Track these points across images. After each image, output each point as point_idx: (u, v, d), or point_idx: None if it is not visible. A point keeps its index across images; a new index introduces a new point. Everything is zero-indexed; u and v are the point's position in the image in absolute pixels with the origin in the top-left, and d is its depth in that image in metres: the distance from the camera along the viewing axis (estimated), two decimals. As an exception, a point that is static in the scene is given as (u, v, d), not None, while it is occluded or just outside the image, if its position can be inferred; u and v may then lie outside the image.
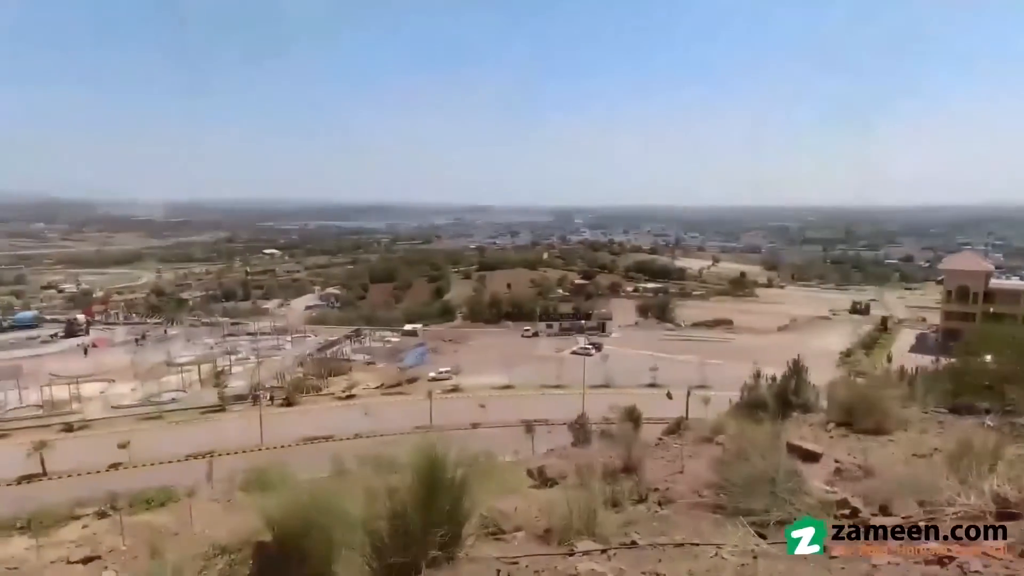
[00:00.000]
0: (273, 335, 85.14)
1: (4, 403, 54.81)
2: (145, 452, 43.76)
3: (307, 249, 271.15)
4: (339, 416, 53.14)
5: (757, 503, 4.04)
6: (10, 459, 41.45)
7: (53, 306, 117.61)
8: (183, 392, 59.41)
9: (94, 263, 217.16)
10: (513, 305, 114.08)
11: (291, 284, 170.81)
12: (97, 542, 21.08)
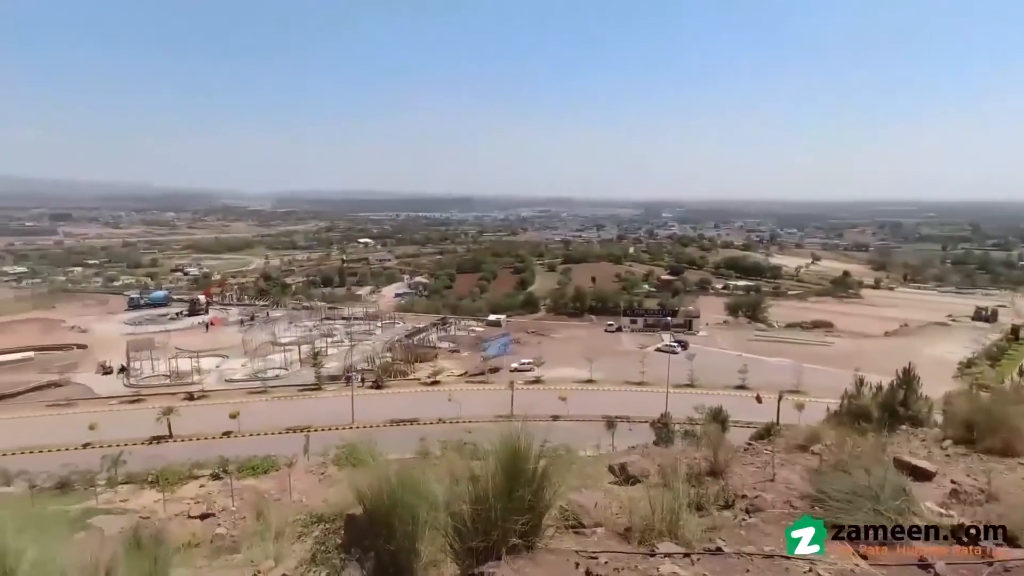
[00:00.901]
0: (365, 320, 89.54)
1: (140, 372, 61.66)
2: (252, 423, 47.71)
3: (398, 239, 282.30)
4: (424, 401, 55.15)
5: (858, 520, 3.77)
6: (144, 421, 46.72)
7: (180, 287, 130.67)
8: (285, 370, 64.04)
9: (213, 249, 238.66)
10: (597, 299, 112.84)
11: (383, 272, 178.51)
12: (211, 501, 23.36)
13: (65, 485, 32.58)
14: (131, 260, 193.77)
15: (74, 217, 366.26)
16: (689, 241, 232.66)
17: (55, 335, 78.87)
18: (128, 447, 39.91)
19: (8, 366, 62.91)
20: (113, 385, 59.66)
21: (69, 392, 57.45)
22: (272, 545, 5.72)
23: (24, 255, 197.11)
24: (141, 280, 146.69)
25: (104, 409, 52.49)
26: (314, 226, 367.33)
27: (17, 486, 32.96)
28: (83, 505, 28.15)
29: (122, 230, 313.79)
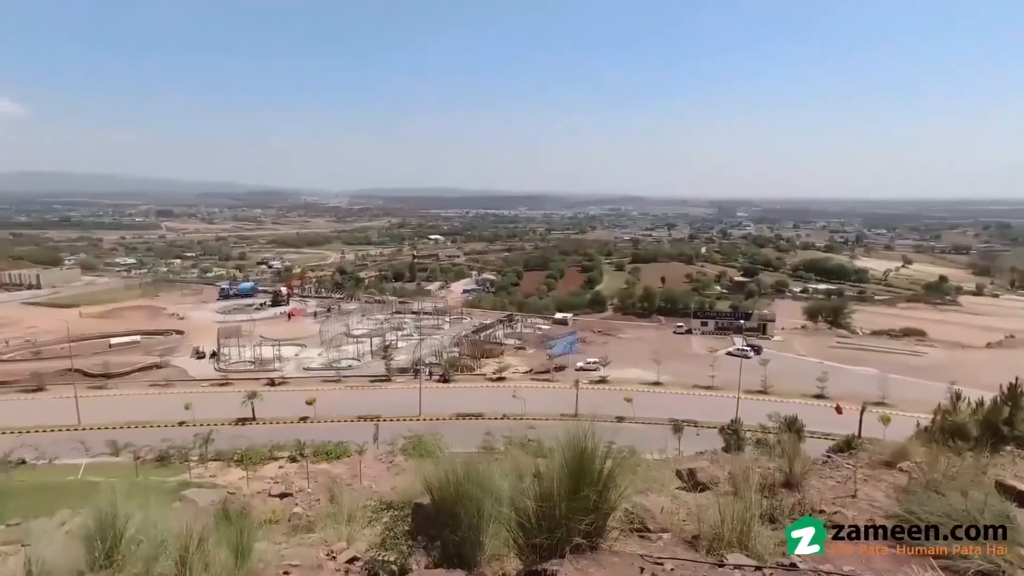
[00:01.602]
0: (434, 315, 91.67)
1: (228, 357, 66.13)
2: (326, 410, 50.07)
3: (467, 236, 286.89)
4: (489, 396, 55.84)
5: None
6: (231, 403, 50.14)
7: (264, 279, 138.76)
8: (357, 360, 66.67)
9: (294, 244, 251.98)
10: (666, 299, 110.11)
11: (451, 268, 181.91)
12: (289, 481, 24.75)
13: (164, 459, 35.53)
14: (222, 253, 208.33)
15: (175, 213, 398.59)
16: (765, 241, 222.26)
17: (158, 321, 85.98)
18: (217, 427, 42.98)
19: (119, 348, 69.21)
20: (205, 369, 64.33)
21: (168, 374, 62.51)
22: (345, 527, 6.01)
23: (133, 247, 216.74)
24: (231, 272, 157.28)
25: (197, 391, 56.70)
26: (387, 222, 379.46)
27: (124, 457, 36.28)
28: (179, 478, 30.59)
29: (215, 225, 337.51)
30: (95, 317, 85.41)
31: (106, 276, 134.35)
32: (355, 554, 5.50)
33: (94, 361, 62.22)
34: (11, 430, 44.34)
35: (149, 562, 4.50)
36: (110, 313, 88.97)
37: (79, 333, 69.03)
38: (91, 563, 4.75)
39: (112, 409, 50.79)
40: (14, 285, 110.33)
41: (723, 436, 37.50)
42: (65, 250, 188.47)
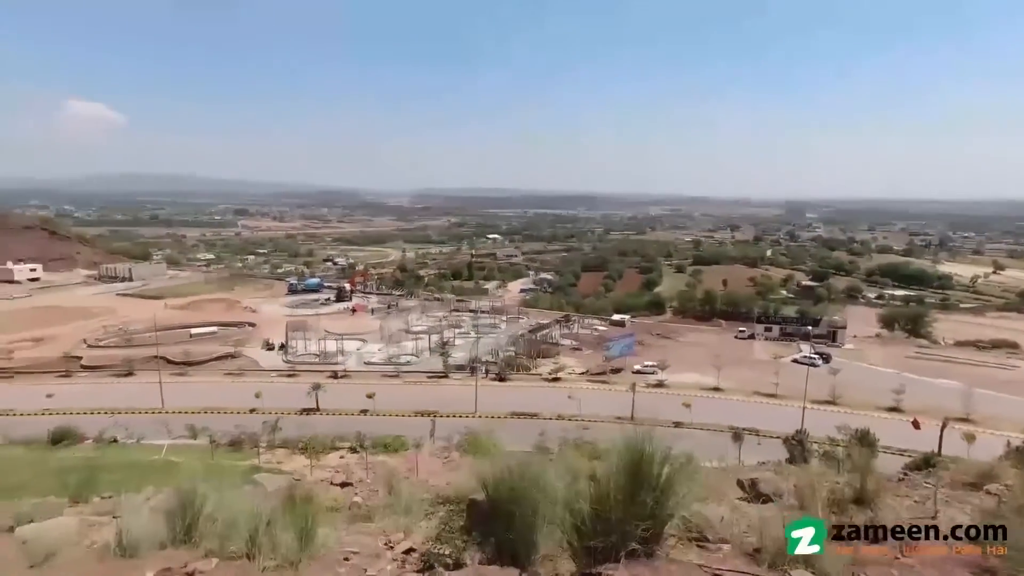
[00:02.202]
0: (491, 314, 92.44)
1: (295, 349, 69.22)
2: (385, 403, 51.52)
3: (525, 235, 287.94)
4: (545, 396, 55.80)
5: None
6: (297, 394, 52.43)
7: (329, 275, 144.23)
8: (416, 357, 68.18)
9: (358, 241, 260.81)
10: (728, 303, 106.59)
11: (509, 267, 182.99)
12: (350, 471, 25.63)
13: (236, 443, 37.63)
14: (292, 250, 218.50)
15: (251, 212, 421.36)
16: (837, 244, 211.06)
17: (233, 313, 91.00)
18: (284, 415, 45.10)
19: (199, 338, 73.84)
20: (274, 360, 67.59)
21: (241, 363, 66.10)
22: (402, 519, 6.17)
23: (213, 244, 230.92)
24: (299, 268, 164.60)
25: (267, 380, 59.66)
26: (447, 222, 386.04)
27: (201, 440, 38.66)
28: (249, 462, 32.33)
29: (286, 224, 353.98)
30: (178, 308, 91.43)
31: (188, 270, 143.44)
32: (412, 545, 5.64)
33: (177, 349, 66.62)
34: (105, 411, 48.25)
35: (223, 540, 4.79)
36: (191, 305, 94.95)
37: (164, 323, 74.16)
38: (172, 537, 5.11)
39: (191, 395, 54.21)
40: (110, 278, 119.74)
41: (787, 447, 35.85)
42: (154, 246, 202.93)
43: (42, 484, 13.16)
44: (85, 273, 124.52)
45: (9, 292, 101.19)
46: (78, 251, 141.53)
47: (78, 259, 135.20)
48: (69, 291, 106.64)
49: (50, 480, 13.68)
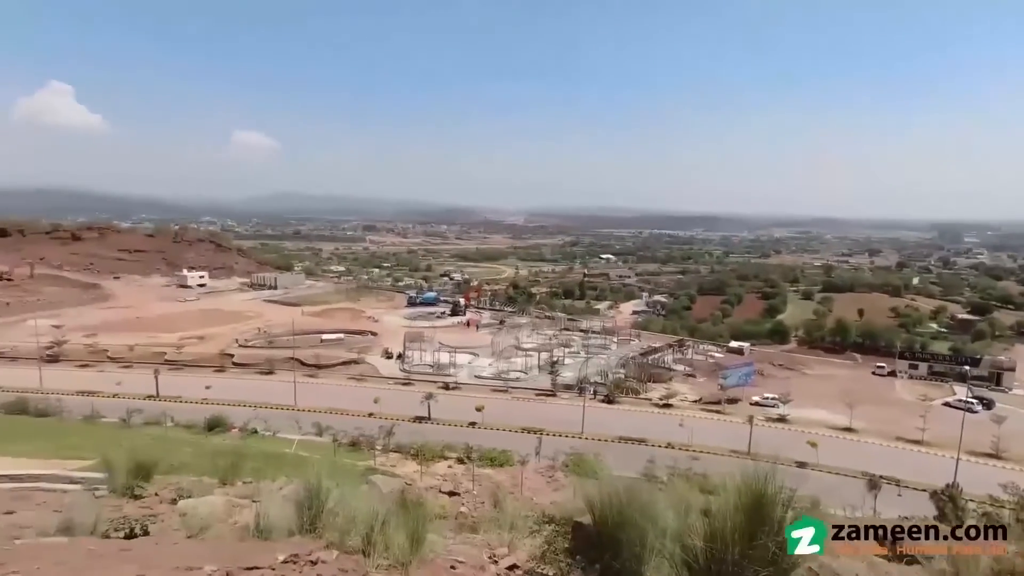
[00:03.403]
0: (601, 334, 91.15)
1: (412, 359, 72.93)
2: (493, 418, 52.47)
3: (640, 256, 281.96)
4: (654, 422, 53.80)
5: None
6: (411, 402, 55.16)
7: (446, 289, 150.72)
8: (525, 373, 68.86)
9: (474, 258, 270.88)
10: (864, 335, 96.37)
11: (622, 288, 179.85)
12: (457, 481, 26.35)
13: (355, 444, 40.23)
14: (412, 265, 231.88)
15: (378, 228, 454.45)
16: (1004, 273, 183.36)
17: (358, 322, 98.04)
18: (398, 422, 47.50)
19: (328, 343, 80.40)
20: (392, 368, 71.63)
21: (363, 369, 70.84)
22: (507, 534, 6.24)
23: (343, 257, 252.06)
24: (418, 282, 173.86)
25: (384, 387, 63.33)
26: (560, 240, 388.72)
27: (326, 438, 41.84)
28: (366, 463, 34.36)
29: (408, 239, 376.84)
30: (312, 315, 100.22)
31: (323, 281, 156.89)
32: (515, 562, 5.68)
33: (309, 353, 72.93)
34: (249, 404, 53.98)
35: (343, 534, 5.14)
36: (323, 313, 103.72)
37: (300, 328, 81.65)
38: (300, 526, 5.56)
39: (319, 395, 58.98)
40: (260, 285, 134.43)
41: (935, 502, 31.34)
42: (295, 258, 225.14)
43: (199, 465, 14.94)
44: (240, 281, 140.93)
45: (183, 295, 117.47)
46: (236, 261, 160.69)
47: (236, 268, 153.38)
48: (227, 296, 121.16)
49: (204, 462, 15.48)
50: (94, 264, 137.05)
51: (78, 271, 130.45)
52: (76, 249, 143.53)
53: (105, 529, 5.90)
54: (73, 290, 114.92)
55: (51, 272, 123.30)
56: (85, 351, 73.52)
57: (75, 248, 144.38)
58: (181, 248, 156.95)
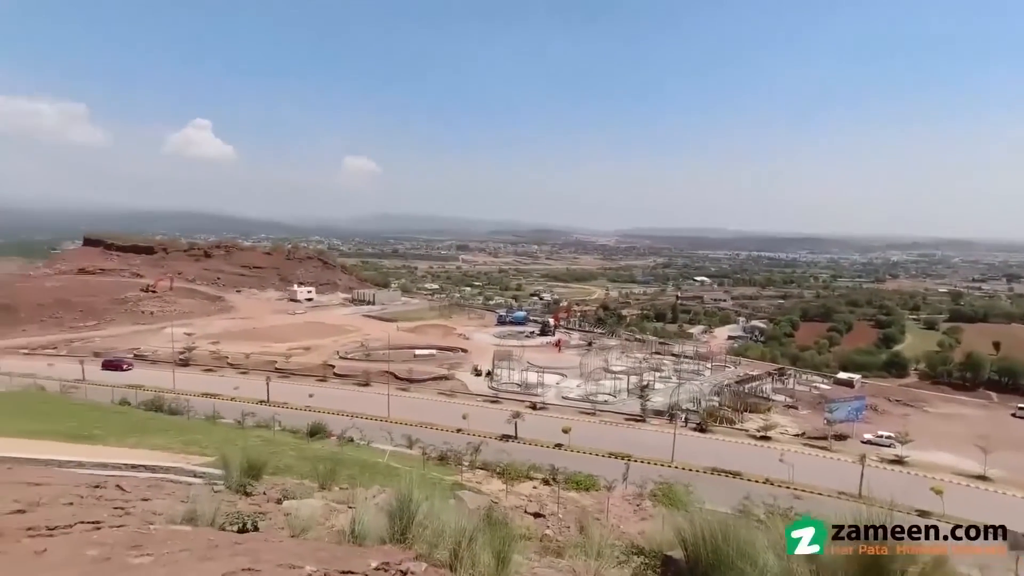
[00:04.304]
0: (694, 359, 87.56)
1: (500, 378, 73.81)
2: (579, 440, 51.69)
3: (736, 279, 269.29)
4: (750, 454, 50.59)
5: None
6: (498, 420, 55.61)
7: (535, 309, 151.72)
8: (613, 396, 67.43)
9: (563, 278, 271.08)
10: (1002, 371, 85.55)
11: (717, 312, 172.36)
12: (542, 502, 26.16)
13: (443, 459, 41.11)
14: (503, 284, 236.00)
15: (470, 248, 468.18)
16: None
17: (449, 339, 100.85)
18: (485, 439, 48.02)
19: (420, 358, 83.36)
20: (480, 385, 72.79)
21: (452, 385, 72.59)
22: (592, 562, 6.12)
23: (437, 275, 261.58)
24: (508, 301, 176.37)
25: (473, 404, 64.40)
26: (652, 262, 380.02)
27: (415, 450, 43.16)
28: (452, 478, 35.01)
29: (499, 259, 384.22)
30: (407, 331, 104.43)
31: (417, 298, 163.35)
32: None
33: (403, 367, 75.91)
34: (347, 413, 56.97)
35: (432, 547, 5.29)
36: (416, 329, 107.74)
37: (395, 343, 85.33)
38: (391, 535, 5.79)
39: (410, 408, 61.06)
40: (360, 301, 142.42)
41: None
42: (392, 275, 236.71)
43: (300, 468, 15.95)
44: (343, 296, 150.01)
45: (292, 309, 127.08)
46: (340, 278, 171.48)
47: (339, 284, 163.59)
48: (331, 310, 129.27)
49: (306, 466, 16.49)
50: (220, 279, 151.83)
51: (207, 285, 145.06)
52: (207, 265, 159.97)
53: (222, 522, 6.45)
54: (203, 302, 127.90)
55: (186, 285, 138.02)
56: (210, 357, 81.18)
57: (206, 264, 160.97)
58: (293, 265, 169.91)
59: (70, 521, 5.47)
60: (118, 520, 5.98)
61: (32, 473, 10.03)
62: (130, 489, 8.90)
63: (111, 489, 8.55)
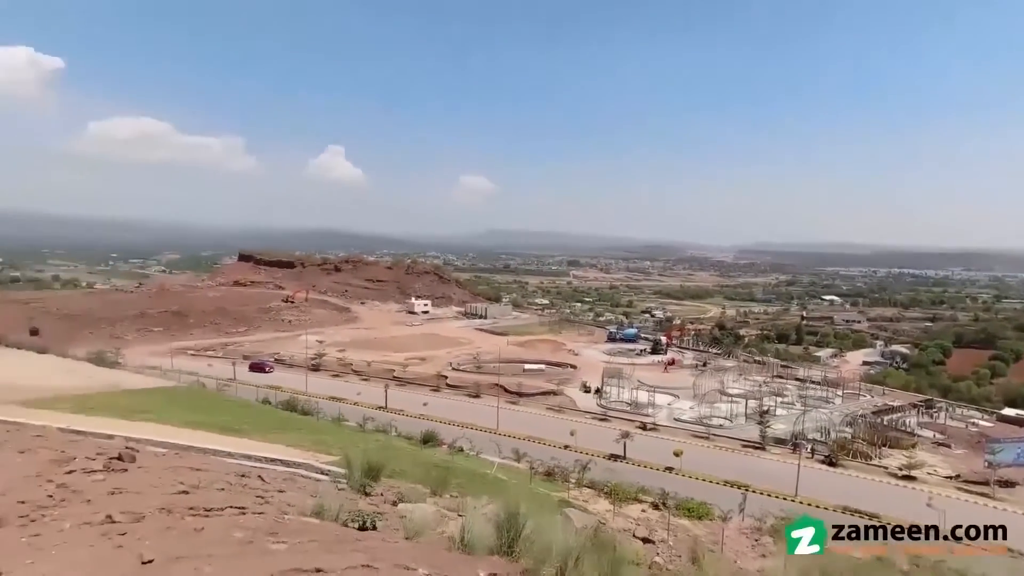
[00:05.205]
0: (822, 385, 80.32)
1: (609, 395, 72.55)
2: (692, 465, 49.19)
3: (873, 299, 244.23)
4: (889, 495, 45.14)
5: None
6: (606, 438, 54.59)
7: (646, 327, 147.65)
8: (729, 421, 63.59)
9: (677, 295, 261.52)
10: None
11: (849, 334, 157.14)
12: (651, 527, 25.23)
13: (550, 474, 41.04)
14: (614, 300, 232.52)
15: (581, 263, 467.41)
16: None
17: (558, 354, 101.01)
18: (593, 457, 47.29)
19: (529, 372, 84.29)
20: (589, 402, 71.93)
21: (561, 401, 72.45)
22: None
23: (547, 290, 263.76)
24: (618, 318, 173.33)
25: (581, 420, 63.79)
26: (774, 279, 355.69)
27: (523, 464, 43.52)
28: (559, 495, 34.85)
29: (610, 275, 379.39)
30: (516, 345, 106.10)
31: (527, 312, 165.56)
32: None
33: (512, 380, 77.13)
34: (457, 424, 58.94)
35: (539, 562, 5.35)
36: (526, 343, 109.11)
37: (505, 356, 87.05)
38: (498, 547, 5.92)
39: (518, 422, 61.74)
40: (472, 314, 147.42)
41: None
42: (504, 290, 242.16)
43: (414, 473, 16.74)
44: (456, 310, 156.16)
45: (410, 320, 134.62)
46: (454, 292, 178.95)
47: (453, 298, 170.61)
48: (445, 323, 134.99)
49: (419, 471, 17.28)
50: (348, 291, 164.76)
51: (337, 296, 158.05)
52: (337, 278, 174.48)
53: (345, 519, 6.98)
54: (333, 312, 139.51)
55: (319, 297, 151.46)
56: (337, 364, 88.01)
57: (336, 277, 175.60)
58: (411, 279, 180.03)
59: (221, 505, 6.23)
60: (259, 508, 6.70)
61: (194, 459, 11.50)
62: (269, 480, 9.92)
63: (254, 479, 9.58)
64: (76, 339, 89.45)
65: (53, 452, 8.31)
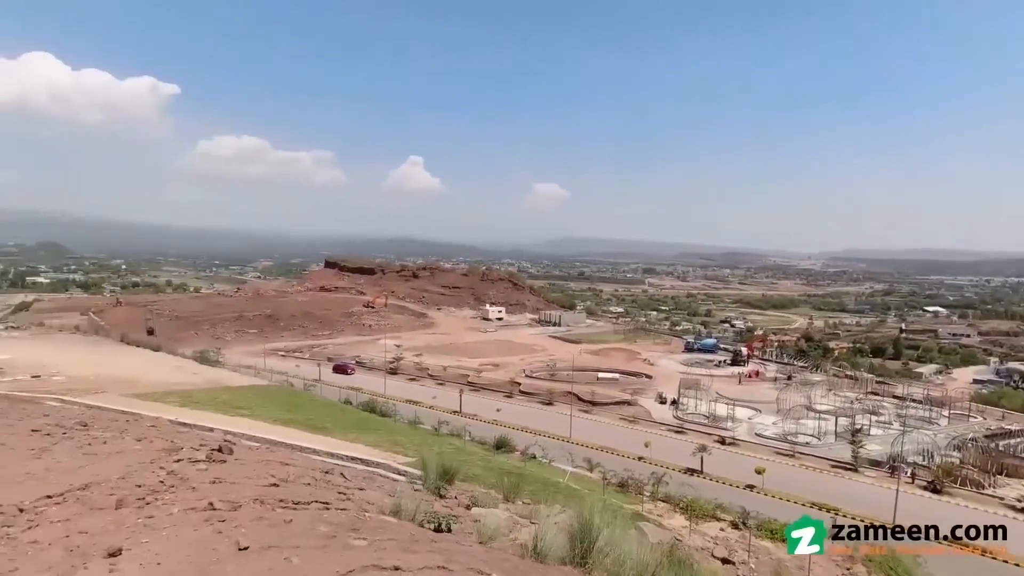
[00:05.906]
0: (925, 404, 73.69)
1: (686, 407, 70.21)
2: (775, 483, 46.53)
3: (985, 311, 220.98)
4: (1013, 531, 40.52)
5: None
6: (682, 451, 52.80)
7: (726, 337, 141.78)
8: (817, 439, 59.75)
9: (759, 305, 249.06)
10: None
11: (956, 350, 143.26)
12: (731, 547, 24.09)
13: (624, 486, 40.15)
14: (691, 309, 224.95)
15: (657, 271, 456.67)
16: None
17: (633, 363, 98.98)
18: (668, 470, 45.81)
19: (603, 381, 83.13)
20: (665, 413, 69.87)
21: (635, 411, 70.83)
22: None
23: (623, 298, 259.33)
24: (696, 327, 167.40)
25: (656, 432, 62.06)
26: (868, 288, 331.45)
27: (595, 474, 42.90)
28: (633, 507, 34.00)
29: (688, 283, 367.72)
30: (590, 353, 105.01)
31: (602, 320, 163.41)
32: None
33: (585, 389, 76.36)
34: (530, 430, 58.99)
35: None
36: (600, 351, 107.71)
37: (579, 364, 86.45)
38: (570, 557, 5.89)
39: (591, 431, 60.96)
40: (546, 322, 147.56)
41: None
42: (578, 298, 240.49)
43: (487, 478, 16.92)
44: (530, 317, 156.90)
45: (484, 327, 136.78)
46: (528, 299, 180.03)
47: (527, 305, 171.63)
48: (518, 330, 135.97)
49: (492, 477, 17.45)
50: (425, 297, 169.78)
51: (414, 302, 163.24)
52: (415, 285, 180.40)
53: (421, 519, 7.19)
54: (410, 317, 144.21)
55: (397, 302, 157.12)
56: (413, 368, 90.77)
57: (414, 284, 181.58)
58: (486, 286, 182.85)
59: (307, 499, 6.60)
60: (342, 504, 7.03)
61: (283, 455, 12.25)
62: (350, 478, 10.38)
63: (336, 476, 10.06)
64: (184, 338, 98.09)
65: (164, 442, 9.14)
